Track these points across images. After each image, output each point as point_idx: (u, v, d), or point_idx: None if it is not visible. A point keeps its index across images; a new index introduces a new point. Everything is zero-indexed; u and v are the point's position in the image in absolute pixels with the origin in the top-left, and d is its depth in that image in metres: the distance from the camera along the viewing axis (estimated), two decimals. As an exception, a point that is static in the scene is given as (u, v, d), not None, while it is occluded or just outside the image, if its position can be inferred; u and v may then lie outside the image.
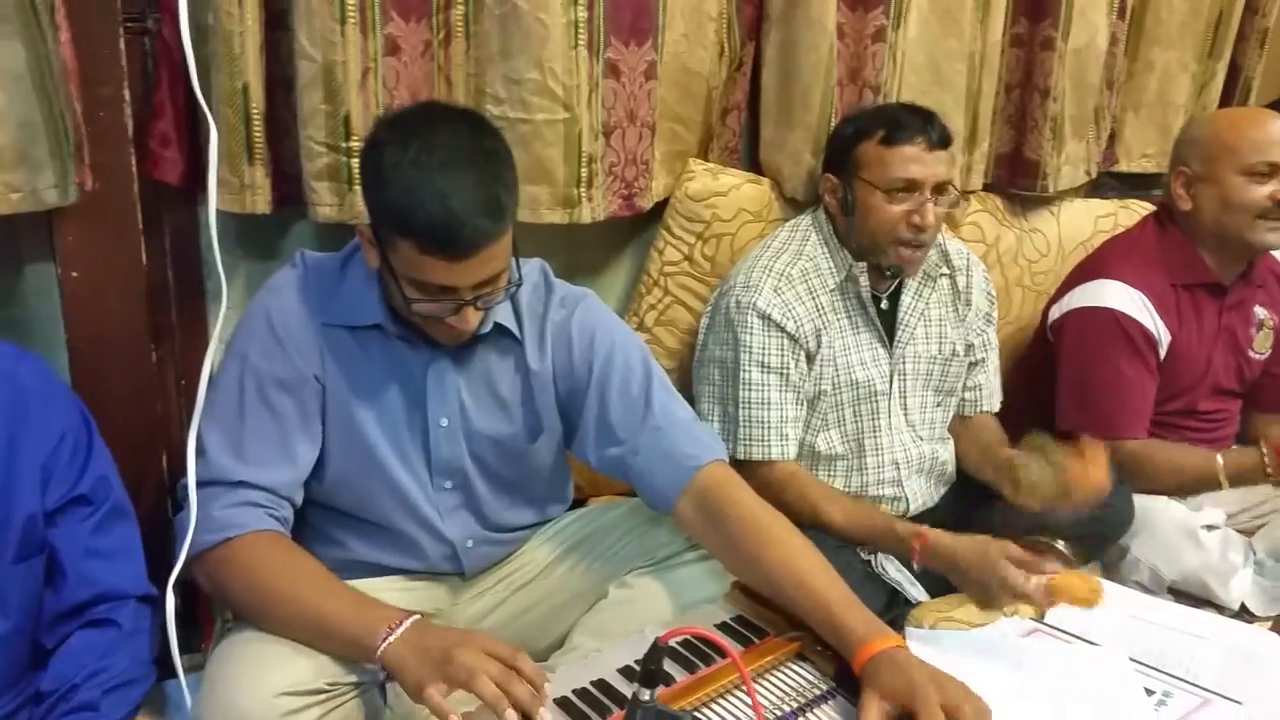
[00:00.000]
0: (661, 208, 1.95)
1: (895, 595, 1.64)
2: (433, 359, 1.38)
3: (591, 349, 1.44)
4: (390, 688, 1.17)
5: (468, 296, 1.25)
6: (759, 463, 1.71)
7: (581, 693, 1.16)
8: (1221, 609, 1.77)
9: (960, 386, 1.93)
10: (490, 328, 1.38)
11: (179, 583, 1.27)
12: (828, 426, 1.79)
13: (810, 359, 1.75)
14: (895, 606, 1.63)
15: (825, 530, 1.62)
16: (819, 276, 1.77)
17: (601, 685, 1.17)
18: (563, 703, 1.14)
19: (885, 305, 1.82)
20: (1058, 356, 2.00)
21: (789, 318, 1.72)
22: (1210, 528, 1.78)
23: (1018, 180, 2.26)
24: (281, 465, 1.32)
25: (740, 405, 1.72)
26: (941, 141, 1.72)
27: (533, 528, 1.56)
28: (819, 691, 1.17)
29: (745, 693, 1.08)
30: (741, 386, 1.72)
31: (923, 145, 1.69)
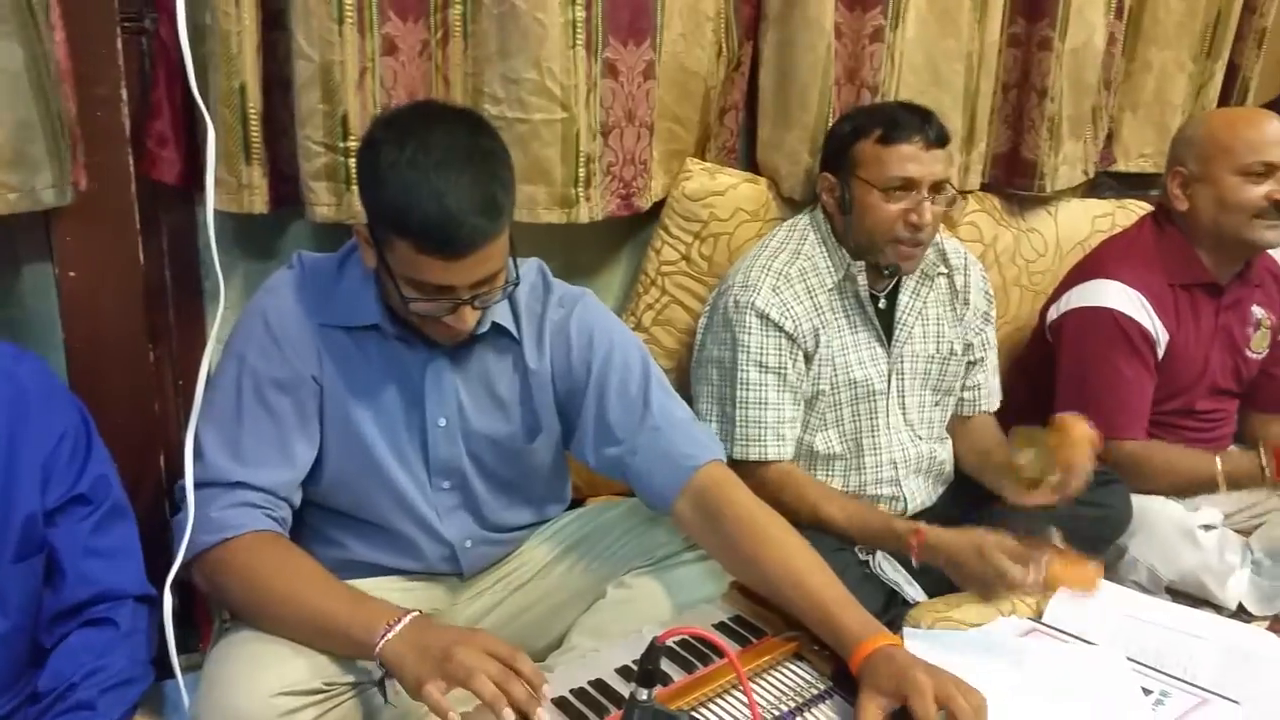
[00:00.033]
0: (659, 208, 1.95)
1: (893, 595, 1.64)
2: (430, 359, 1.38)
3: (590, 348, 1.44)
4: (390, 684, 1.17)
5: (465, 296, 1.25)
6: (756, 463, 1.71)
7: (579, 692, 1.16)
8: (1219, 609, 1.77)
9: (959, 386, 1.93)
10: (488, 327, 1.38)
11: (177, 583, 1.27)
12: (826, 426, 1.79)
13: (808, 359, 1.75)
14: (893, 607, 1.63)
15: (823, 529, 1.62)
16: (817, 276, 1.77)
17: (599, 685, 1.17)
18: (560, 703, 1.14)
19: (883, 304, 1.82)
20: (1056, 357, 2.00)
21: (787, 317, 1.72)
22: (1208, 528, 1.78)
23: (1015, 180, 2.26)
24: (279, 466, 1.32)
25: (738, 405, 1.72)
26: (939, 140, 1.72)
27: (531, 528, 1.56)
28: (816, 691, 1.17)
29: (743, 692, 1.08)
30: (739, 386, 1.72)
31: (920, 144, 1.70)
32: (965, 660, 1.17)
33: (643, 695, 0.99)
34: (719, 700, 1.13)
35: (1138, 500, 1.82)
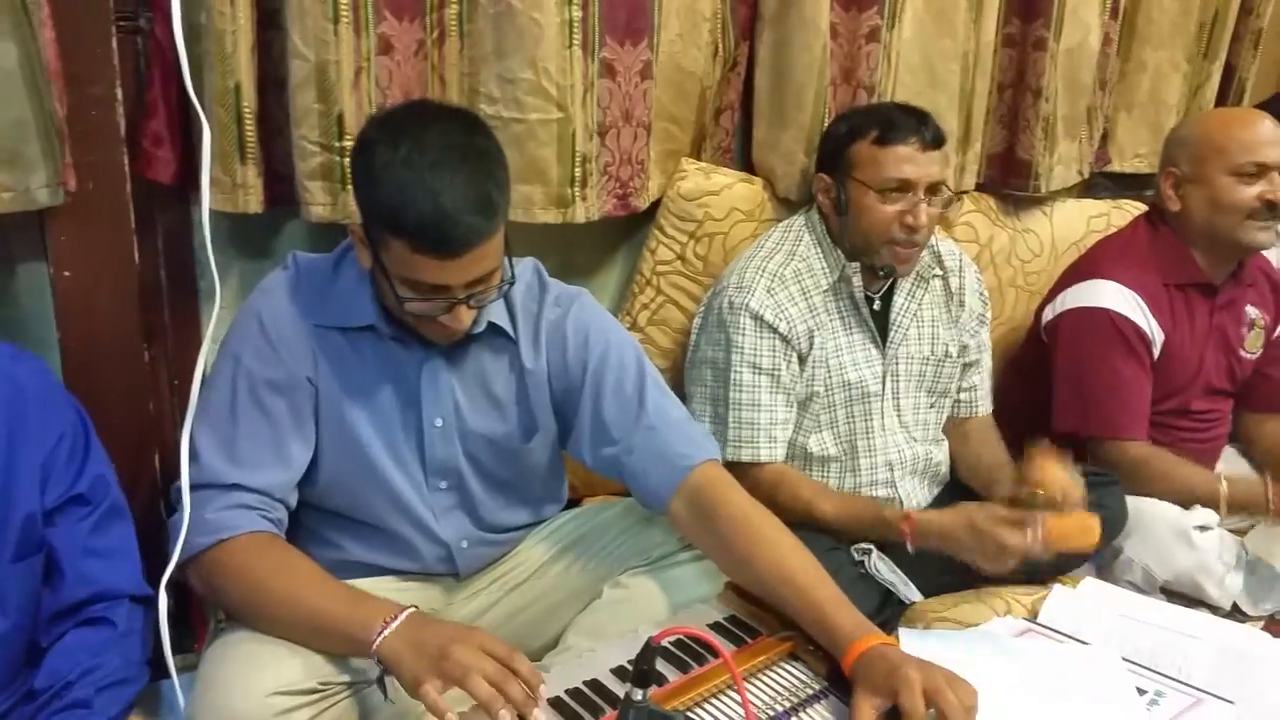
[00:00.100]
0: (655, 208, 1.95)
1: (888, 596, 1.64)
2: (426, 359, 1.38)
3: (586, 348, 1.43)
4: (389, 682, 1.17)
5: (460, 295, 1.25)
6: (749, 464, 1.71)
7: (575, 692, 1.16)
8: (1214, 609, 1.77)
9: (954, 388, 1.93)
10: (484, 327, 1.38)
11: (172, 583, 1.26)
12: (820, 428, 1.79)
13: (802, 360, 1.75)
14: (888, 607, 1.63)
15: (819, 525, 1.63)
16: (812, 277, 1.77)
17: (595, 685, 1.17)
18: (556, 703, 1.14)
19: (878, 306, 1.82)
20: (1052, 358, 2.00)
21: (781, 319, 1.72)
22: (1203, 528, 1.78)
23: (1010, 180, 2.26)
24: (275, 467, 1.32)
25: (731, 406, 1.72)
26: (935, 142, 1.72)
27: (528, 528, 1.56)
28: (811, 691, 1.17)
29: (737, 693, 1.08)
30: (732, 387, 1.72)
31: (916, 145, 1.70)
32: (960, 660, 1.17)
33: (638, 695, 0.99)
34: (714, 700, 1.13)
35: (1133, 501, 1.82)
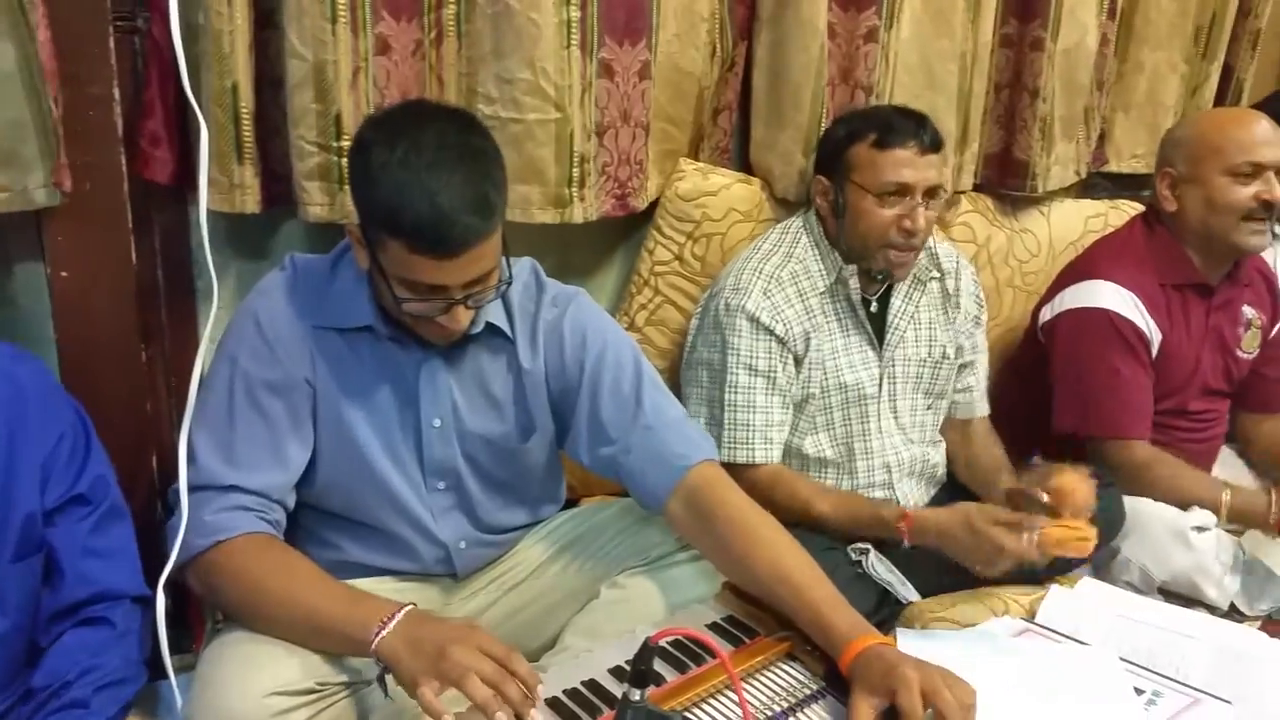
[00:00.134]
0: (653, 208, 1.95)
1: (886, 596, 1.63)
2: (424, 359, 1.38)
3: (583, 348, 1.43)
4: (390, 680, 1.17)
5: (458, 295, 1.25)
6: (744, 465, 1.71)
7: (572, 693, 1.16)
8: (1211, 609, 1.77)
9: (951, 389, 1.93)
10: (481, 327, 1.38)
11: (170, 584, 1.26)
12: (816, 430, 1.79)
13: (798, 362, 1.75)
14: (885, 607, 1.63)
15: (816, 525, 1.63)
16: (809, 279, 1.77)
17: (592, 685, 1.17)
18: (553, 703, 1.14)
19: (875, 308, 1.82)
20: (1050, 358, 2.00)
21: (778, 321, 1.72)
22: (1200, 529, 1.78)
23: (1007, 180, 2.26)
24: (272, 469, 1.32)
25: (726, 407, 1.72)
26: (933, 145, 1.72)
27: (526, 528, 1.56)
28: (809, 691, 1.17)
29: (735, 693, 1.08)
30: (728, 389, 1.72)
31: (915, 149, 1.70)
32: (958, 660, 1.17)
33: (635, 695, 0.99)
34: (712, 701, 1.13)
35: (1130, 502, 1.82)
